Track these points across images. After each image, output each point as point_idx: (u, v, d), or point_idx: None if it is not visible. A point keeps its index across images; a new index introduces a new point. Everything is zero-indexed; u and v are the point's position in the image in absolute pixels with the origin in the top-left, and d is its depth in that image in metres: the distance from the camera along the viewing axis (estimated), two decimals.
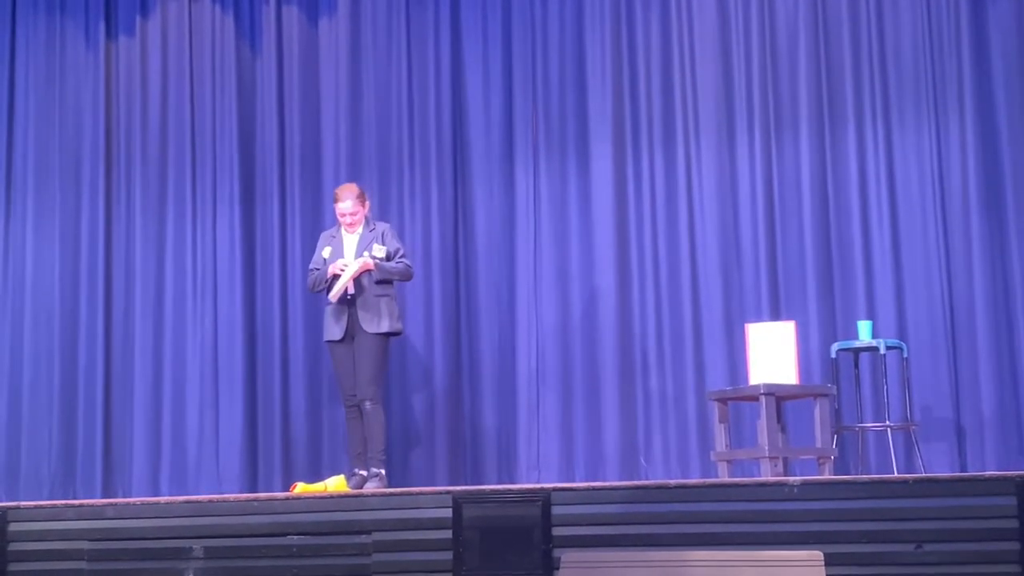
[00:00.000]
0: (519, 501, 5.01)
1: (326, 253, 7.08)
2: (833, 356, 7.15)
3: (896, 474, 6.73)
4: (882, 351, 7.00)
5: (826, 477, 6.15)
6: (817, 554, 4.43)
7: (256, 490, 7.90)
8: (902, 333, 7.34)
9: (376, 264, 6.90)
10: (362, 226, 7.08)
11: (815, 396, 6.55)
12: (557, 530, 4.95)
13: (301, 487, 6.99)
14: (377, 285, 6.91)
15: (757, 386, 6.42)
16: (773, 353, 6.53)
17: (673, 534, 4.84)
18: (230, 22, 8.55)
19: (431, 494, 5.24)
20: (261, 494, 6.99)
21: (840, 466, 7.16)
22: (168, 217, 8.40)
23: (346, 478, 6.95)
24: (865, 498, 4.76)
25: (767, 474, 6.23)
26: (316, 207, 8.31)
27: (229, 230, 8.32)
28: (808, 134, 7.68)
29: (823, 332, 7.48)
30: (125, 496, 7.94)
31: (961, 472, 6.95)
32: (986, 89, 7.41)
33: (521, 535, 4.95)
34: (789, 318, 7.14)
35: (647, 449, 7.72)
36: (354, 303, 6.89)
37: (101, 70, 8.52)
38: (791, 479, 5.02)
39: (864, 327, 7.07)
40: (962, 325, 7.29)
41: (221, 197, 8.37)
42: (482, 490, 5.38)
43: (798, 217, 7.67)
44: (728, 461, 6.60)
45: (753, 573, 4.43)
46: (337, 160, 8.36)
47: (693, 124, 7.92)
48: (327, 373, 7.84)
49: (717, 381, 7.50)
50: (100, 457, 8.14)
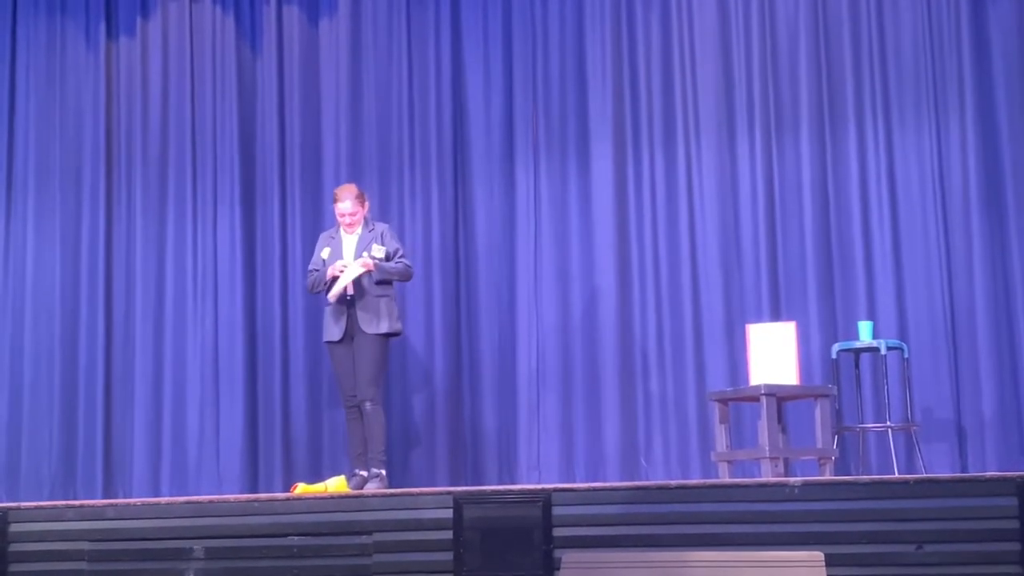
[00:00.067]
0: (520, 502, 5.00)
1: (325, 254, 7.08)
2: (834, 356, 7.15)
3: (897, 475, 6.73)
4: (883, 351, 7.00)
5: (827, 478, 6.15)
6: (818, 555, 4.43)
7: (257, 491, 7.90)
8: (903, 333, 7.34)
9: (375, 264, 6.90)
10: (361, 226, 7.08)
11: (816, 397, 6.55)
12: (558, 531, 4.95)
13: (302, 488, 6.98)
14: (376, 286, 6.91)
15: (758, 386, 6.42)
16: (774, 353, 6.53)
17: (674, 535, 4.83)
18: (231, 22, 8.55)
19: (432, 495, 5.24)
20: (262, 495, 6.99)
21: (841, 467, 7.15)
22: (169, 218, 8.40)
23: (346, 479, 6.95)
24: (866, 499, 4.75)
25: (768, 475, 6.22)
26: (316, 207, 8.31)
27: (230, 230, 8.32)
28: (808, 134, 7.67)
29: (824, 332, 7.48)
30: (126, 497, 7.94)
31: (962, 473, 6.95)
32: (987, 88, 7.41)
33: (522, 536, 4.95)
34: (790, 318, 7.13)
35: (648, 450, 7.72)
36: (353, 304, 6.88)
37: (102, 71, 8.52)
38: (792, 480, 5.02)
39: (865, 327, 7.07)
40: (963, 325, 7.29)
41: (222, 197, 8.37)
42: (483, 491, 5.38)
43: (798, 217, 7.67)
44: (729, 462, 6.60)
45: (754, 574, 4.43)
46: (338, 160, 8.36)
47: (693, 124, 7.92)
48: (327, 374, 7.83)
49: (718, 381, 7.50)
50: (101, 457, 8.13)
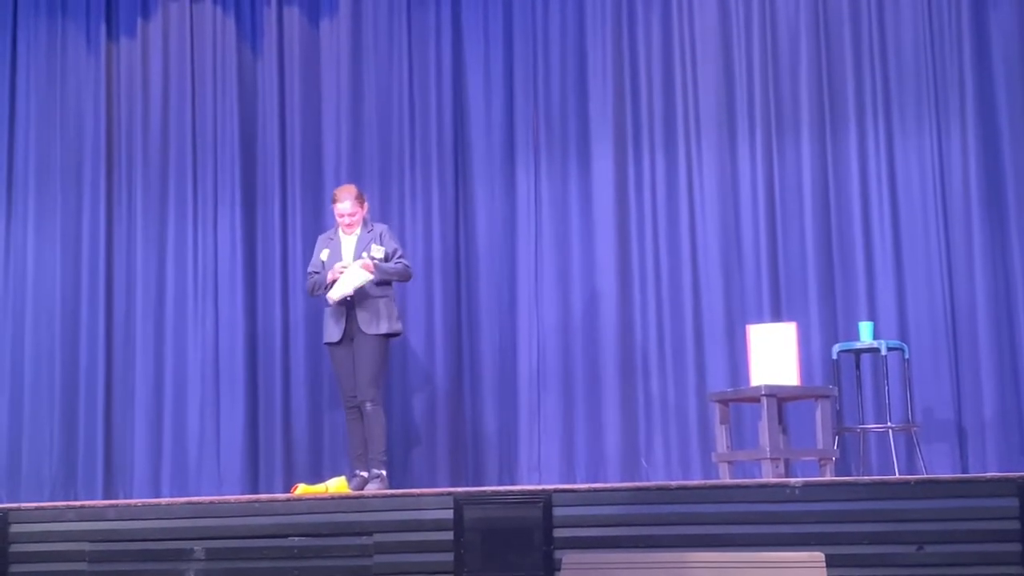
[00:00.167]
0: (520, 502, 5.00)
1: (324, 255, 7.08)
2: (834, 357, 7.15)
3: (897, 475, 6.73)
4: (883, 352, 7.00)
5: (827, 478, 6.15)
6: (818, 555, 4.43)
7: (257, 491, 7.90)
8: (903, 334, 7.34)
9: (375, 265, 6.90)
10: (360, 227, 7.08)
11: (816, 397, 6.55)
12: (558, 531, 4.95)
13: (302, 488, 6.97)
14: (376, 286, 6.91)
15: (758, 387, 6.41)
16: (774, 354, 6.52)
17: (674, 536, 4.83)
18: (231, 23, 8.55)
19: (432, 495, 5.24)
20: (262, 495, 6.99)
21: (841, 467, 7.15)
22: (169, 218, 8.40)
23: (347, 479, 6.95)
24: (866, 499, 4.75)
25: (768, 475, 6.22)
26: (317, 208, 8.30)
27: (230, 231, 8.32)
28: (809, 135, 7.67)
29: (824, 333, 7.47)
30: (126, 497, 7.94)
31: (963, 473, 6.95)
32: (987, 90, 7.41)
33: (522, 536, 4.95)
34: (790, 319, 7.13)
35: (648, 450, 7.72)
36: (353, 305, 6.89)
37: (102, 72, 8.52)
38: (792, 480, 5.02)
39: (865, 328, 7.07)
40: (963, 326, 7.28)
41: (222, 198, 8.37)
42: (483, 491, 5.38)
43: (799, 218, 7.67)
44: (729, 462, 6.60)
45: (754, 575, 4.43)
46: (338, 161, 8.36)
47: (694, 125, 7.92)
48: (328, 374, 7.83)
49: (718, 382, 7.50)
50: (101, 458, 8.13)
